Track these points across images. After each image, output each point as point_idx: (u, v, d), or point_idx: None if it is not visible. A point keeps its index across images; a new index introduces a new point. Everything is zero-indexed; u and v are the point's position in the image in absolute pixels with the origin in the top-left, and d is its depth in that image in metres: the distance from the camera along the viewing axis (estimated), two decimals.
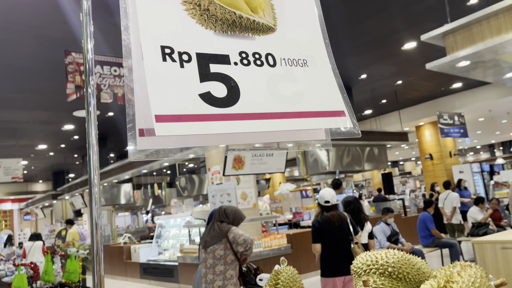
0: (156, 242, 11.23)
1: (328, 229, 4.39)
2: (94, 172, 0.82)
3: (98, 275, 0.80)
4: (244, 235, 4.11)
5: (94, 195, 0.81)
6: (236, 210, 4.34)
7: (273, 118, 0.73)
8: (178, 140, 0.69)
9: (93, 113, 0.77)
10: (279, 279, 2.06)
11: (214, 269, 4.15)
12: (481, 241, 4.87)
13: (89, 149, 0.78)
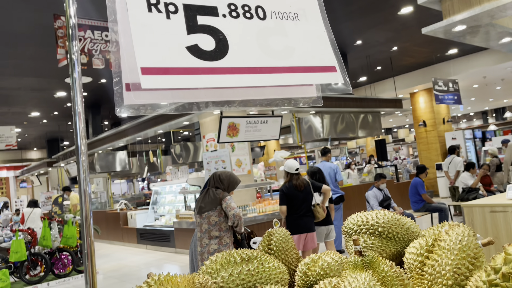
0: (152, 208, 11.37)
1: (294, 193, 5.25)
2: (81, 141, 0.81)
3: (88, 240, 0.82)
4: (234, 211, 4.14)
5: (82, 164, 0.81)
6: (231, 175, 4.37)
7: (263, 73, 0.71)
8: (165, 95, 0.68)
9: (78, 80, 0.75)
10: (271, 240, 2.11)
11: (209, 234, 4.23)
12: (470, 204, 4.98)
13: (75, 117, 0.77)
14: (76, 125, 0.79)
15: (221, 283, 1.57)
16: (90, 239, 0.82)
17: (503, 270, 0.76)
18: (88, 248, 0.82)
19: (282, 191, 5.24)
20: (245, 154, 9.94)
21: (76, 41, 0.78)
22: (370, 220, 1.88)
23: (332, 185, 7.76)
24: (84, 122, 0.81)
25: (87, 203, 0.81)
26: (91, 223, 0.83)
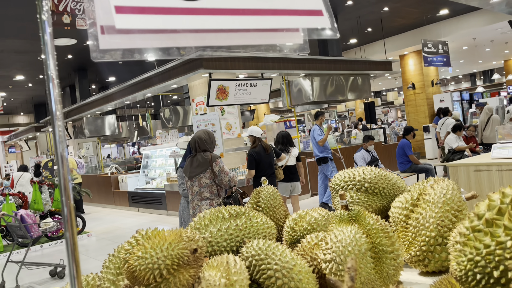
0: (143, 172, 11.40)
1: (262, 157, 5.72)
2: (56, 107, 0.78)
3: (67, 207, 0.81)
4: (228, 176, 4.18)
5: (58, 129, 0.78)
6: (209, 133, 4.35)
7: (246, 15, 0.68)
8: (143, 38, 0.65)
9: (49, 43, 0.71)
10: (260, 198, 2.13)
11: (200, 196, 4.26)
12: (455, 164, 5.06)
13: (48, 82, 0.73)
14: (50, 91, 0.75)
15: (209, 238, 1.59)
16: (69, 205, 0.81)
17: (487, 216, 0.77)
18: (68, 215, 0.81)
19: (251, 156, 5.68)
20: (235, 118, 9.89)
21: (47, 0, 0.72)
22: (357, 176, 1.90)
23: (315, 147, 7.98)
24: (58, 87, 0.78)
25: (65, 169, 0.79)
26: (70, 189, 0.81)
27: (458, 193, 1.60)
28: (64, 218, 0.84)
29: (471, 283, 0.77)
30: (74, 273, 0.81)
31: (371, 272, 1.45)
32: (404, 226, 1.66)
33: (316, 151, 7.99)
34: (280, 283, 1.39)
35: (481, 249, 0.75)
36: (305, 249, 1.64)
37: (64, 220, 0.86)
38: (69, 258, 0.83)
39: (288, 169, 6.37)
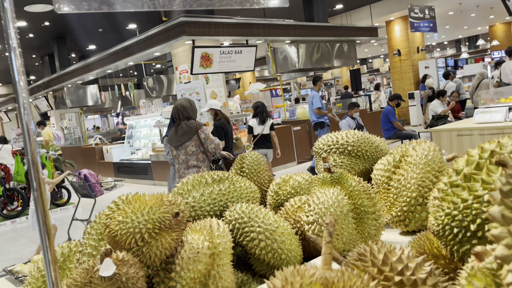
0: (128, 142, 11.29)
1: (227, 128, 5.89)
2: (20, 78, 0.73)
3: (37, 181, 0.77)
4: (214, 143, 4.18)
5: (22, 101, 0.74)
6: (190, 100, 4.30)
7: None
8: None
9: (9, 10, 0.65)
10: (244, 163, 2.12)
11: (187, 164, 4.24)
12: (438, 129, 5.13)
13: (9, 52, 0.68)
14: (12, 61, 0.71)
15: (192, 203, 1.58)
16: (39, 178, 0.77)
17: (465, 171, 0.77)
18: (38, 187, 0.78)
19: (220, 127, 5.79)
20: (220, 86, 9.75)
21: None
22: (340, 139, 1.90)
23: (312, 112, 8.15)
24: (20, 57, 0.73)
25: (32, 144, 0.75)
26: (38, 162, 0.77)
27: (439, 154, 1.61)
28: (33, 191, 0.81)
29: (448, 237, 0.78)
30: (46, 244, 0.79)
31: (353, 233, 1.47)
32: (386, 188, 1.68)
33: (313, 116, 8.25)
34: (263, 244, 1.41)
35: (458, 204, 0.75)
36: (288, 212, 1.65)
37: (33, 193, 0.83)
38: (41, 231, 0.80)
39: (264, 137, 7.15)
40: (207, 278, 1.25)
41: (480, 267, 0.57)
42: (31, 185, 0.80)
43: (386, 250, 0.76)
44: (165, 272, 1.25)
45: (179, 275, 1.21)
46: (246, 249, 1.55)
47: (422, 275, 0.70)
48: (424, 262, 0.75)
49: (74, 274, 1.04)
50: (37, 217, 0.79)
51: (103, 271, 0.99)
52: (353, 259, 0.79)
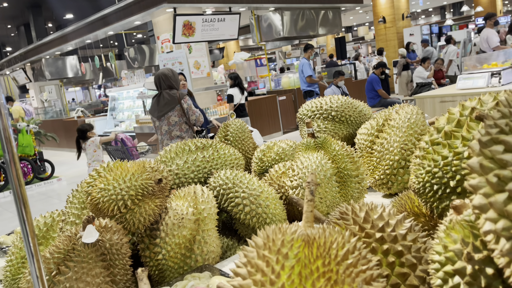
0: (111, 114, 11.11)
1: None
2: None
3: (10, 155, 0.74)
4: (196, 114, 4.12)
5: None
6: (171, 70, 4.22)
7: None
8: None
9: None
10: (228, 131, 2.11)
11: (170, 134, 4.20)
12: (422, 96, 5.16)
13: None
14: None
15: (176, 170, 1.57)
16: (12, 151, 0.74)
17: (446, 129, 0.77)
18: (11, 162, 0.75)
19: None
20: (203, 56, 9.57)
21: None
22: (324, 105, 1.89)
23: (302, 81, 8.25)
24: None
25: (4, 119, 0.71)
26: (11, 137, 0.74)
27: (422, 117, 1.62)
28: (8, 165, 0.78)
29: (428, 194, 0.79)
30: (24, 217, 0.78)
31: (336, 196, 1.49)
32: (369, 152, 1.69)
33: (303, 84, 8.31)
34: (248, 209, 1.41)
35: (439, 161, 0.76)
36: (272, 178, 1.66)
37: (8, 168, 0.80)
38: (18, 205, 0.78)
39: (242, 106, 7.49)
40: (192, 243, 1.26)
41: (458, 220, 0.57)
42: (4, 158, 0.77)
43: (367, 209, 0.76)
44: (150, 238, 1.25)
45: (164, 241, 1.21)
46: (231, 215, 1.56)
47: (402, 231, 0.71)
48: (404, 219, 0.76)
49: (56, 242, 1.03)
50: (12, 189, 0.77)
51: (86, 238, 0.98)
52: (335, 218, 0.80)
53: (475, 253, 0.52)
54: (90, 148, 5.68)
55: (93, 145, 5.68)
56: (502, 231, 0.40)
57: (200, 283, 1.06)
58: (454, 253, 0.55)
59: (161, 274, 1.21)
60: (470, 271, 0.52)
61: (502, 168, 0.41)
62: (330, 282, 0.54)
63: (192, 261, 1.22)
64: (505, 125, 0.43)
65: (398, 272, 0.68)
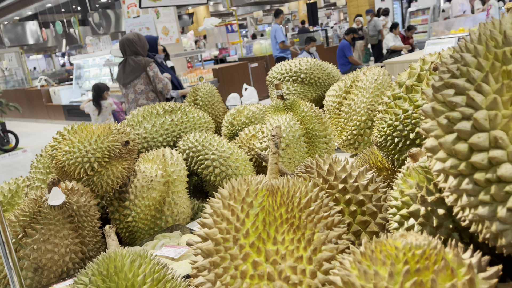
0: (77, 83, 10.73)
1: None
2: None
3: None
4: (162, 82, 3.96)
5: None
6: (138, 35, 4.04)
7: None
8: None
9: None
10: (197, 95, 2.08)
11: (136, 103, 4.10)
12: (391, 62, 5.24)
13: None
14: None
15: (144, 134, 1.55)
16: None
17: (407, 83, 0.79)
18: None
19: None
20: (172, 21, 9.27)
21: None
22: (293, 67, 1.89)
23: (274, 47, 8.23)
24: None
25: None
26: None
27: (388, 78, 1.65)
28: None
29: (390, 147, 0.81)
30: None
31: (305, 156, 1.52)
32: (337, 114, 1.72)
33: (276, 51, 8.27)
34: (217, 171, 1.42)
35: (400, 114, 0.78)
36: (243, 141, 1.66)
37: None
38: None
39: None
40: (162, 204, 1.26)
41: (415, 166, 0.60)
42: None
43: (331, 162, 0.78)
44: (119, 201, 1.24)
45: (133, 203, 1.21)
46: (201, 178, 1.57)
47: (363, 182, 0.74)
48: (366, 171, 0.79)
49: (21, 205, 1.01)
50: None
51: (52, 200, 0.97)
52: (300, 171, 0.82)
53: (428, 196, 0.54)
54: (107, 110, 5.45)
55: (110, 108, 5.45)
56: (450, 169, 0.43)
57: (171, 242, 1.07)
58: (409, 197, 0.58)
59: (132, 235, 1.21)
60: (423, 213, 0.55)
61: (452, 110, 0.43)
62: (293, 227, 0.56)
63: (163, 222, 1.23)
64: (457, 69, 0.44)
65: (360, 220, 0.71)
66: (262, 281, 0.51)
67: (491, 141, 0.39)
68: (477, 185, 0.40)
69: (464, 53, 0.45)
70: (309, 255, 0.54)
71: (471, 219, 0.42)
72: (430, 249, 0.43)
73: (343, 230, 0.61)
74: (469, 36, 0.47)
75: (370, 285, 0.42)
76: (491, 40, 0.43)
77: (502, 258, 0.54)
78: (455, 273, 0.41)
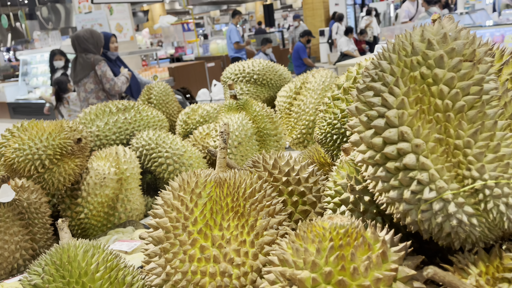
0: (23, 80, 10.22)
1: None
2: None
3: None
4: (110, 82, 3.82)
5: None
6: (91, 31, 3.93)
7: None
8: None
9: None
10: (151, 94, 2.09)
11: (87, 102, 4.01)
12: (344, 64, 5.45)
13: None
14: None
15: (97, 132, 1.55)
16: None
17: (344, 86, 0.87)
18: None
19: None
20: (126, 18, 9.07)
21: None
22: (247, 68, 1.96)
23: (230, 47, 8.26)
24: None
25: None
26: None
27: (336, 80, 1.75)
28: None
29: (329, 143, 0.89)
30: None
31: (257, 154, 1.58)
32: (287, 113, 1.80)
33: (231, 51, 8.30)
34: (171, 169, 1.45)
35: (338, 114, 0.86)
36: (197, 139, 1.70)
37: None
38: None
39: None
40: (115, 201, 1.27)
41: (346, 159, 0.67)
42: None
43: (276, 157, 0.85)
44: (71, 198, 1.24)
45: (86, 200, 1.22)
46: (155, 175, 1.59)
47: (304, 175, 0.81)
48: (308, 165, 0.86)
49: None
50: None
51: (1, 197, 0.96)
52: (248, 166, 0.87)
53: (356, 185, 0.62)
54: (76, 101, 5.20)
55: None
56: (369, 159, 0.50)
57: (124, 237, 1.09)
58: (341, 187, 0.65)
59: (84, 232, 1.22)
60: (352, 200, 0.62)
61: (370, 109, 0.50)
62: (238, 215, 0.61)
63: (116, 219, 1.25)
64: (375, 74, 0.52)
65: (301, 209, 0.78)
66: (208, 264, 0.56)
67: (399, 135, 0.47)
68: (388, 173, 0.48)
69: (381, 60, 0.53)
70: (251, 239, 0.59)
71: (385, 202, 0.50)
72: (352, 228, 0.50)
73: (284, 217, 0.67)
74: (387, 45, 0.54)
75: (300, 260, 0.48)
76: (402, 50, 0.51)
77: (421, 240, 0.63)
78: (372, 247, 0.48)
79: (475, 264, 0.45)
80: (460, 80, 0.47)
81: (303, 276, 0.46)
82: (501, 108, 0.46)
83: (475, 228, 0.43)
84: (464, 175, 0.43)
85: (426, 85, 0.48)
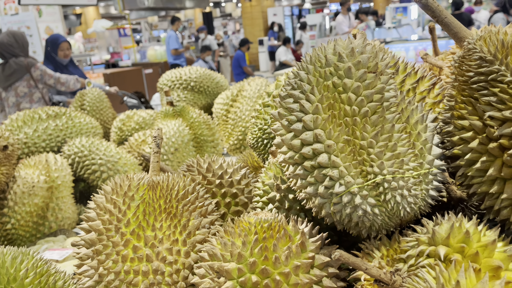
0: None
1: None
2: None
3: None
4: (54, 77, 3.70)
5: None
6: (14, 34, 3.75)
7: None
8: None
9: None
10: (84, 100, 2.04)
11: (18, 107, 3.78)
12: (281, 73, 5.62)
13: None
14: None
15: (24, 139, 1.48)
16: None
17: (274, 93, 0.93)
18: None
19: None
20: (57, 21, 8.63)
21: None
22: (184, 75, 1.98)
23: (169, 54, 8.27)
24: None
25: None
26: None
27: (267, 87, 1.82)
28: None
29: (260, 147, 0.94)
30: None
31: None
32: (224, 120, 1.84)
33: (170, 57, 8.23)
34: (105, 176, 1.43)
35: (268, 120, 0.91)
36: (132, 146, 1.68)
37: None
38: None
39: None
40: (46, 210, 1.23)
41: (274, 161, 0.73)
42: None
43: (210, 160, 0.88)
44: None
45: (13, 210, 1.16)
46: (88, 183, 1.55)
47: (237, 177, 0.85)
48: (240, 169, 0.90)
49: None
50: None
51: None
52: (183, 170, 0.90)
53: (282, 184, 0.67)
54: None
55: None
56: (289, 159, 0.55)
57: (55, 245, 1.06)
58: (268, 186, 0.70)
59: (11, 243, 1.16)
60: (278, 198, 0.67)
61: (290, 114, 0.56)
62: (170, 216, 0.64)
63: (46, 228, 1.20)
64: (294, 83, 0.58)
65: (233, 210, 0.82)
66: (141, 263, 0.58)
67: (314, 137, 0.52)
68: (306, 171, 0.53)
69: (300, 70, 0.58)
70: (184, 238, 0.62)
71: (304, 197, 0.55)
72: (275, 222, 0.54)
73: (216, 217, 0.71)
74: (305, 57, 0.60)
75: (227, 253, 0.52)
76: (318, 62, 0.57)
77: (340, 233, 0.69)
78: (292, 238, 0.53)
79: (378, 248, 0.52)
80: (365, 89, 0.54)
81: (230, 267, 0.50)
82: (398, 113, 0.53)
83: (377, 217, 0.50)
84: (368, 171, 0.50)
85: (337, 93, 0.54)
